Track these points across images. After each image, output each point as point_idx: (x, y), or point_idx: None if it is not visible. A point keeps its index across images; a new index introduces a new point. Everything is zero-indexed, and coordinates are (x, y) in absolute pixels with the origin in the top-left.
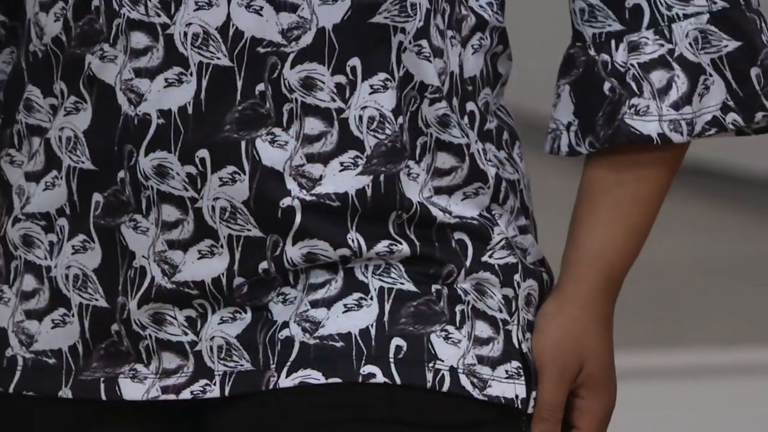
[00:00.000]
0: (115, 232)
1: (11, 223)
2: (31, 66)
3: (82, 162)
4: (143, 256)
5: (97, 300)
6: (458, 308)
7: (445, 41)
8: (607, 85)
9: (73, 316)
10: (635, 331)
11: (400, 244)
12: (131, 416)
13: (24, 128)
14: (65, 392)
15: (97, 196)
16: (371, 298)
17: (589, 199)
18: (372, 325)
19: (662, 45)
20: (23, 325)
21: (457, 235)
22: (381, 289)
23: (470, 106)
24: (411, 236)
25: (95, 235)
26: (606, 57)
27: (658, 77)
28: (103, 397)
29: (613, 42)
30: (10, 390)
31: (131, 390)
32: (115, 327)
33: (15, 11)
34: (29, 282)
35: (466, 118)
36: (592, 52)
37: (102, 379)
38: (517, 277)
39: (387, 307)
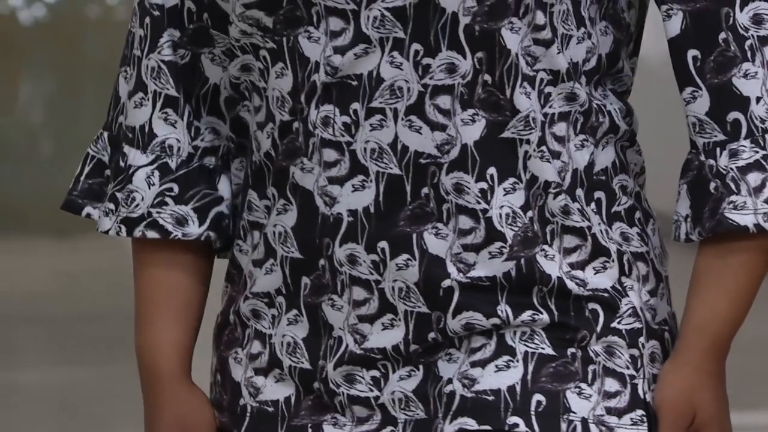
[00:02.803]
0: (318, 309)
1: (243, 300)
2: (251, 174)
3: (292, 252)
4: (339, 328)
5: (303, 363)
6: (590, 368)
7: (568, 144)
8: (712, 185)
9: (287, 375)
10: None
11: (541, 314)
12: None
13: (247, 224)
14: None
15: (305, 279)
16: (517, 361)
17: (699, 279)
18: (517, 383)
19: (757, 152)
20: (252, 380)
21: (591, 306)
22: (526, 353)
23: (598, 194)
24: (551, 306)
25: (304, 310)
26: (712, 162)
27: (753, 178)
28: None
29: (717, 150)
30: None
31: None
32: (316, 384)
33: (243, 130)
34: (256, 346)
35: (593, 204)
36: (702, 158)
37: (309, 425)
38: (641, 339)
39: (530, 368)
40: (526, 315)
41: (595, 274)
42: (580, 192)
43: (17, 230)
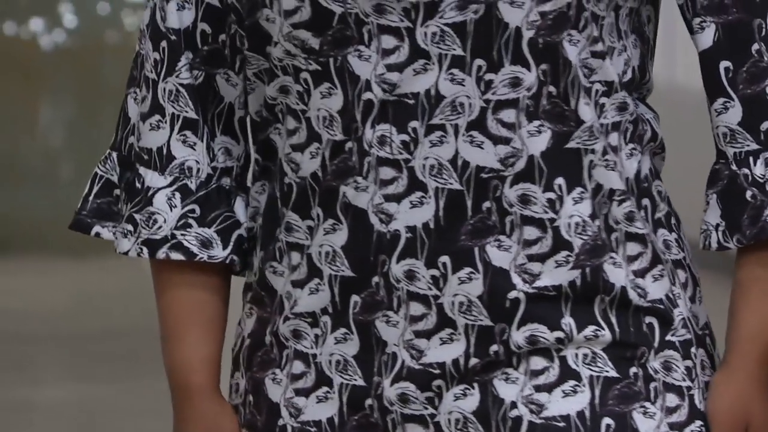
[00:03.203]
0: (370, 326)
1: (282, 321)
2: (286, 195)
3: (343, 270)
4: (394, 344)
5: (356, 380)
6: (652, 385)
7: (620, 153)
8: (749, 193)
9: (334, 393)
10: None
11: (603, 329)
12: None
13: (284, 245)
14: None
15: (355, 297)
16: (584, 385)
17: (746, 287)
18: (586, 408)
19: None
20: (293, 400)
21: (647, 320)
22: (591, 376)
23: (645, 201)
24: (612, 320)
25: (354, 328)
26: (746, 170)
27: None
28: None
29: (751, 158)
30: None
31: None
32: (369, 401)
33: (270, 153)
34: (298, 366)
35: (642, 212)
36: (734, 167)
37: None
38: (693, 349)
39: (597, 392)
40: (588, 330)
41: (653, 282)
42: (634, 199)
43: (36, 251)
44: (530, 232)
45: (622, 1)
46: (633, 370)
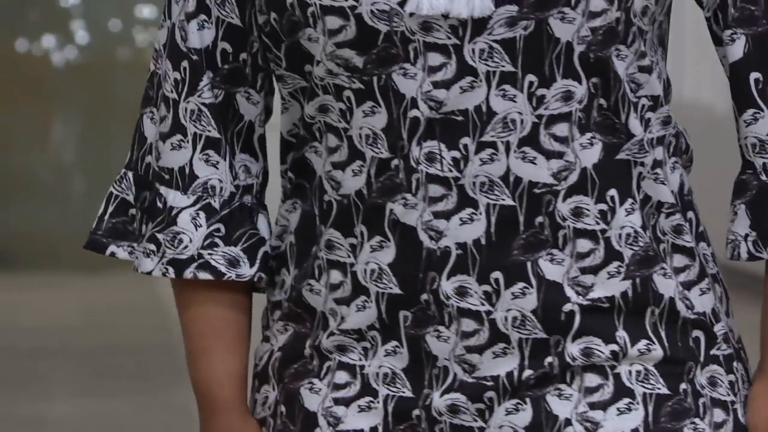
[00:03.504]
0: (420, 341)
1: (326, 336)
2: (326, 213)
3: (390, 288)
4: (445, 359)
5: (404, 392)
6: (700, 401)
7: (665, 167)
8: None
9: (378, 403)
10: None
11: (654, 344)
12: None
13: (324, 263)
14: None
15: (404, 313)
16: (637, 403)
17: None
18: (640, 425)
19: None
20: (331, 409)
21: (694, 333)
22: (644, 394)
23: (689, 214)
24: (662, 334)
25: (405, 342)
26: None
27: None
28: None
29: None
30: None
31: None
32: (416, 412)
33: (303, 171)
34: (341, 377)
35: (687, 225)
36: (763, 177)
37: None
38: (734, 363)
39: (650, 409)
40: (641, 344)
41: (700, 295)
42: (681, 212)
43: (48, 265)
44: (583, 245)
45: (658, 14)
46: (683, 386)
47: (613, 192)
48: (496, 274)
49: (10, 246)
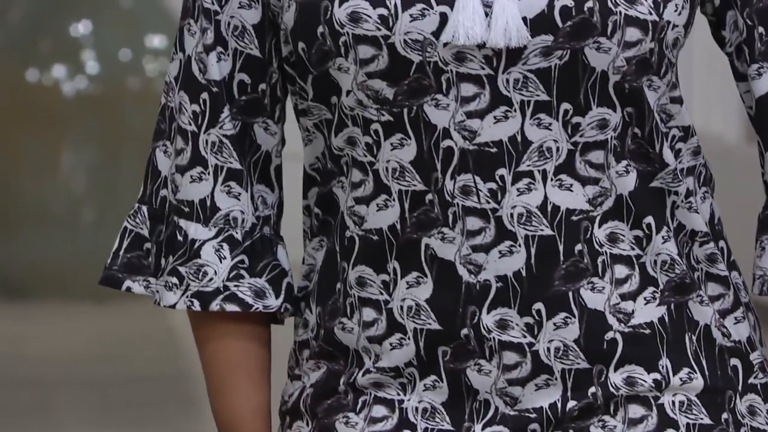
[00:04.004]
0: (461, 374)
1: (362, 374)
2: (347, 249)
3: (429, 324)
4: (486, 392)
5: (443, 426)
6: (742, 430)
7: (696, 197)
8: None
9: None
10: None
11: (696, 373)
12: None
13: (356, 301)
14: None
15: (443, 348)
16: None
17: None
18: None
19: None
20: None
21: (732, 362)
22: (687, 424)
23: (721, 243)
24: (702, 363)
25: (444, 376)
26: None
27: None
28: None
29: None
30: None
31: None
32: None
33: (330, 207)
34: (379, 410)
35: (720, 254)
36: None
37: None
38: None
39: None
40: (683, 373)
41: (735, 323)
42: (714, 242)
43: (57, 295)
44: (620, 271)
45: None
46: (724, 415)
47: (649, 219)
48: (538, 306)
49: (19, 275)
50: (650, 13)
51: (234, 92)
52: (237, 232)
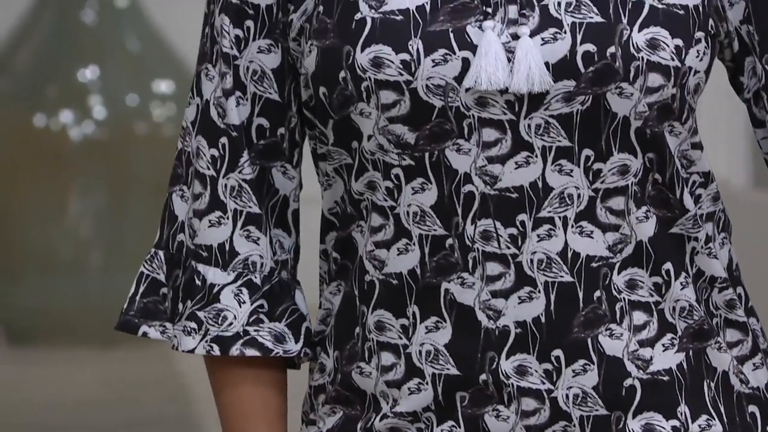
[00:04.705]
0: (478, 420)
1: (379, 419)
2: (366, 294)
3: (448, 369)
4: None
5: None
6: None
7: (715, 243)
8: None
9: None
10: None
11: (714, 420)
12: None
13: (374, 345)
14: None
15: (461, 394)
16: None
17: None
18: None
19: None
20: None
21: (750, 408)
22: None
23: (739, 289)
24: (721, 410)
25: (462, 422)
26: None
27: None
28: None
29: None
30: None
31: None
32: None
33: (348, 251)
34: None
35: (738, 300)
36: None
37: None
38: None
39: None
40: (702, 420)
41: (753, 369)
42: (732, 288)
43: (64, 340)
44: (638, 317)
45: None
46: None
47: (668, 265)
48: (557, 352)
49: (25, 320)
50: (672, 59)
51: (252, 136)
52: (256, 277)
